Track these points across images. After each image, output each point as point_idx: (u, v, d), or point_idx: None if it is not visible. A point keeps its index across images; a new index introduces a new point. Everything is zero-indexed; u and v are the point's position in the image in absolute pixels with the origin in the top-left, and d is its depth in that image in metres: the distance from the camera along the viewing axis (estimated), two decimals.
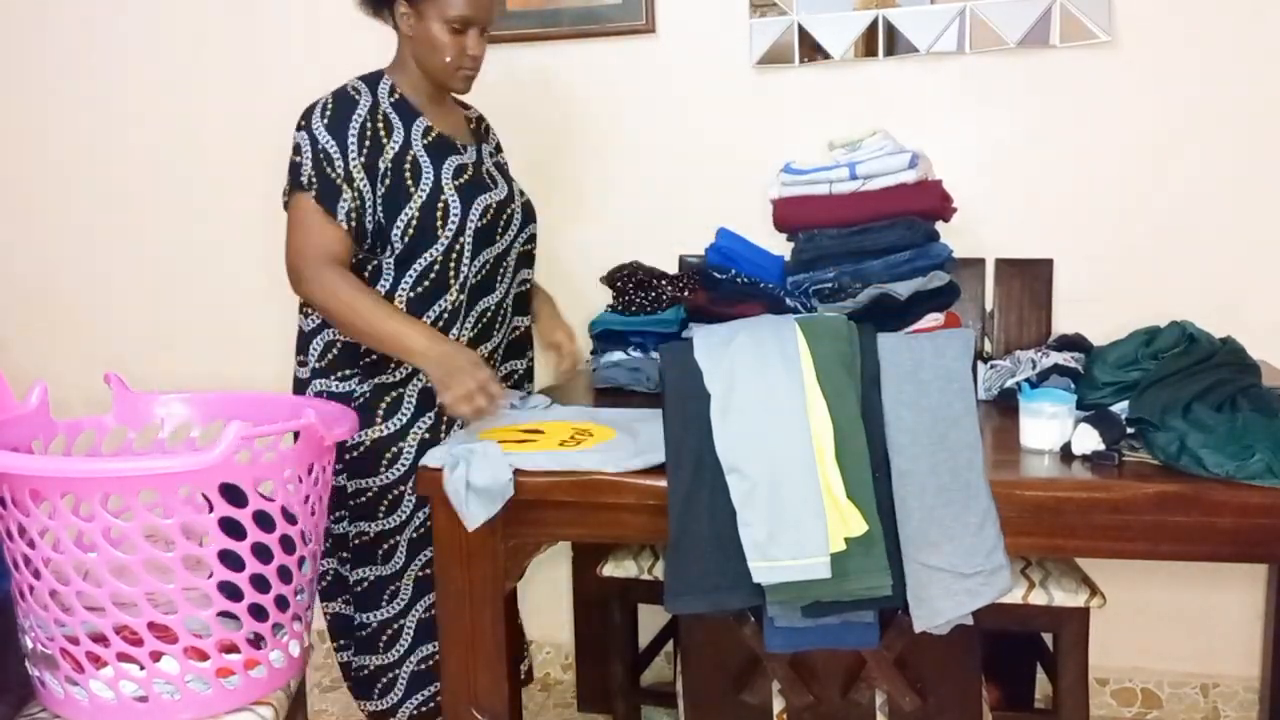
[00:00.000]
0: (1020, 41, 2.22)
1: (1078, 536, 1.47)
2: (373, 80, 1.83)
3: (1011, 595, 1.71)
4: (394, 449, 1.83)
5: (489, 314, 1.90)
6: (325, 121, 1.75)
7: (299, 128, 1.78)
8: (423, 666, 1.89)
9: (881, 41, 2.28)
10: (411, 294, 1.79)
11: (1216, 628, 2.34)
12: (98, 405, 1.72)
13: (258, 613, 1.45)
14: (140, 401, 1.74)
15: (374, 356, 1.82)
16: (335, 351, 1.85)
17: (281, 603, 1.47)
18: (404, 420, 1.84)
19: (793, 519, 1.38)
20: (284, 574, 1.47)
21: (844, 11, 2.28)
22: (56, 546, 1.37)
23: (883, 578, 1.40)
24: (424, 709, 1.90)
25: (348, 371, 1.84)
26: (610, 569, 2.07)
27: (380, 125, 1.78)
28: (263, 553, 1.43)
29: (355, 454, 1.83)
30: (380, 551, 1.86)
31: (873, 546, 1.40)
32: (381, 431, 1.82)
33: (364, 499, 1.84)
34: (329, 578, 1.93)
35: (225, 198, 2.66)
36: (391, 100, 1.81)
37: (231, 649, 1.44)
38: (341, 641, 1.96)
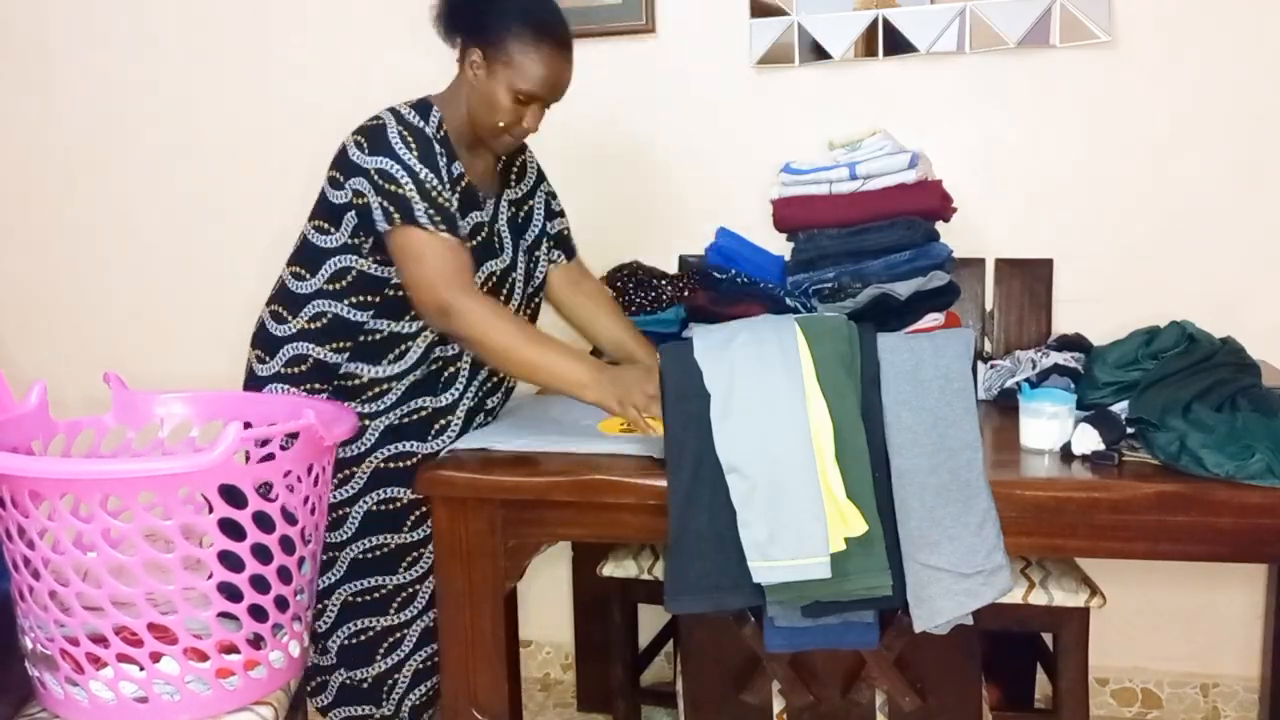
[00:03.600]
0: (1020, 41, 2.22)
1: (1078, 536, 1.47)
2: (423, 110, 1.74)
3: (1011, 595, 1.71)
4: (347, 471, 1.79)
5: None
6: (416, 154, 1.68)
7: (377, 153, 1.67)
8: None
9: (881, 41, 2.28)
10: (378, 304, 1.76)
11: (1216, 628, 2.34)
12: (97, 404, 1.72)
13: (257, 613, 1.45)
14: (139, 401, 1.74)
15: (352, 382, 1.77)
16: (307, 365, 1.79)
17: (281, 603, 1.47)
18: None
19: (793, 519, 1.38)
20: (284, 575, 1.46)
21: (844, 11, 2.28)
22: (56, 547, 1.37)
23: (883, 578, 1.41)
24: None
25: (318, 386, 1.79)
26: (610, 569, 2.07)
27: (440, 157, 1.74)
28: (262, 553, 1.42)
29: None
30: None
31: (873, 546, 1.40)
32: (344, 452, 1.78)
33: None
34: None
35: (225, 198, 2.66)
36: (438, 137, 1.74)
37: (231, 649, 1.44)
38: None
